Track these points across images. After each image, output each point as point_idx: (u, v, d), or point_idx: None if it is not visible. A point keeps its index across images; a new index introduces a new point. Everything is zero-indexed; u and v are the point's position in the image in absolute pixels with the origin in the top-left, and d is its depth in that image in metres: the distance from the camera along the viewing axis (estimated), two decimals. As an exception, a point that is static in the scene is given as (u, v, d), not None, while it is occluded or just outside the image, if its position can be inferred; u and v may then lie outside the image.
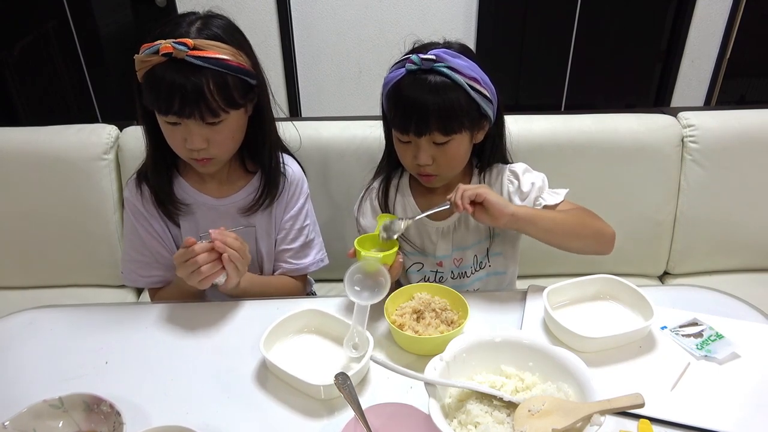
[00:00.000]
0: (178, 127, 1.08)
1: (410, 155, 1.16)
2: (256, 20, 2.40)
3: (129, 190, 1.23)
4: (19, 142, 1.62)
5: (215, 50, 1.04)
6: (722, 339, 0.98)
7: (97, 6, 2.57)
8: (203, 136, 1.09)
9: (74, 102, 2.75)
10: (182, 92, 1.03)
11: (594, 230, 1.17)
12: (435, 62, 1.08)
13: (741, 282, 1.70)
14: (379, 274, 1.03)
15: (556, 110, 2.75)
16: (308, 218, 1.32)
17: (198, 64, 1.02)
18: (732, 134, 1.61)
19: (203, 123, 1.07)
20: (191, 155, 1.12)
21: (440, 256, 1.29)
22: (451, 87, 1.08)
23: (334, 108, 2.63)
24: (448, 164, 1.16)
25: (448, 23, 2.44)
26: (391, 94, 1.13)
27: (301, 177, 1.31)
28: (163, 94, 1.04)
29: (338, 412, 0.88)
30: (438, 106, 1.07)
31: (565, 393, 0.80)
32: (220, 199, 1.24)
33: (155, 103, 1.06)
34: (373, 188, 1.31)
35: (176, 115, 1.06)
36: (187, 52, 1.01)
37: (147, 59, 1.03)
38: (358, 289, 1.02)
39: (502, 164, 1.29)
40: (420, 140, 1.12)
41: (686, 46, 2.55)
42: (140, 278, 1.25)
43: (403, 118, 1.11)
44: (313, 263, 1.32)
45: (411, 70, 1.09)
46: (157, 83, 1.04)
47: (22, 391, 0.92)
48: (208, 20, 1.08)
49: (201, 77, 1.03)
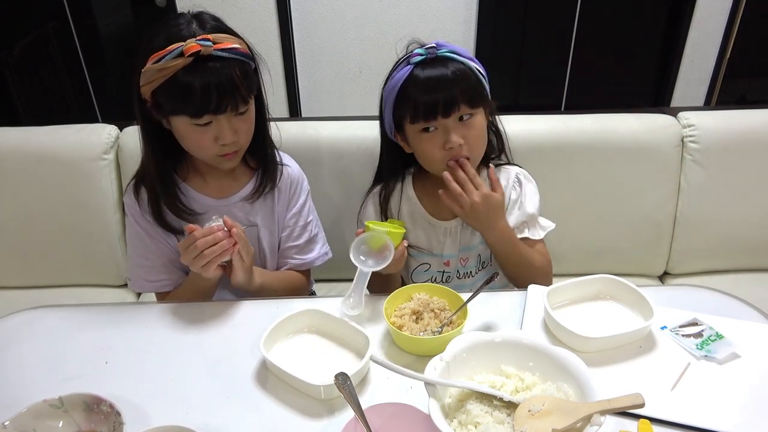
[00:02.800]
0: (208, 127, 1.08)
1: (438, 144, 1.15)
2: (256, 20, 2.40)
3: (129, 197, 1.23)
4: (18, 142, 1.62)
5: (228, 41, 1.06)
6: (722, 339, 0.98)
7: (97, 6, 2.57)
8: (233, 128, 1.10)
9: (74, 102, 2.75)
10: (219, 88, 1.03)
11: (530, 278, 1.19)
12: (437, 49, 1.14)
13: (741, 282, 1.70)
14: (384, 248, 1.08)
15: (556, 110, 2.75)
16: (311, 214, 1.34)
17: (225, 56, 1.04)
18: (732, 134, 1.61)
19: (234, 115, 1.09)
20: (222, 151, 1.12)
21: (447, 255, 1.30)
22: (461, 67, 1.14)
23: (334, 108, 2.63)
24: (478, 141, 1.18)
25: (448, 23, 2.44)
26: (404, 93, 1.14)
27: (301, 174, 1.33)
28: (197, 95, 1.03)
29: (338, 412, 0.88)
30: (460, 84, 1.12)
31: (565, 393, 0.80)
32: (221, 199, 1.24)
33: (187, 107, 1.05)
34: (376, 192, 1.31)
35: (213, 113, 1.06)
36: (213, 46, 1.02)
37: (169, 65, 1.01)
38: (363, 258, 1.09)
39: (508, 166, 1.29)
40: (447, 121, 1.13)
41: (686, 46, 2.55)
42: (148, 283, 1.25)
43: (427, 103, 1.12)
44: (318, 257, 1.34)
45: (417, 62, 1.13)
46: (187, 87, 1.02)
47: (22, 391, 0.92)
48: (201, 16, 1.09)
49: (230, 69, 1.05)
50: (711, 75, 2.63)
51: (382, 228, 1.09)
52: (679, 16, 2.51)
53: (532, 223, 1.26)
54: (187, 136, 1.11)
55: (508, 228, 1.20)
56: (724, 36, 2.53)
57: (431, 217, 1.28)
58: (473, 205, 1.14)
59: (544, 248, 1.27)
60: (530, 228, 1.26)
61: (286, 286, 1.29)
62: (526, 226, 1.25)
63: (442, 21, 2.44)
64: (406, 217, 1.30)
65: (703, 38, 2.53)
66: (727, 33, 2.52)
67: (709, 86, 2.66)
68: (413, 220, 1.30)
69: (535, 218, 1.27)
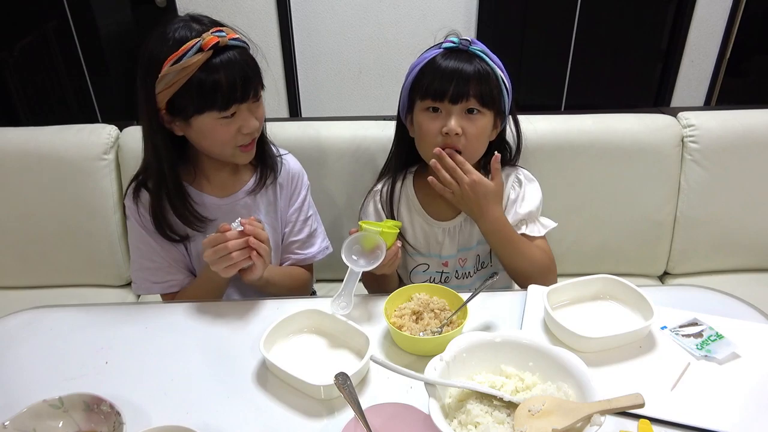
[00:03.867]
0: (232, 120, 1.10)
1: (437, 126, 1.16)
2: (255, 20, 2.40)
3: (129, 200, 1.22)
4: (19, 142, 1.62)
5: (231, 32, 1.08)
6: (722, 339, 0.98)
7: (97, 6, 2.57)
8: (254, 116, 1.12)
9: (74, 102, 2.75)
10: (243, 76, 1.06)
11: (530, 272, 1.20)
12: (470, 44, 1.16)
13: (741, 282, 1.70)
14: (376, 248, 1.08)
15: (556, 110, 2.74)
16: (311, 209, 1.35)
17: (240, 45, 1.07)
18: (732, 134, 1.61)
19: (252, 102, 1.11)
20: (244, 141, 1.14)
21: (446, 256, 1.30)
22: (486, 67, 1.16)
23: (334, 108, 2.63)
24: (476, 138, 1.18)
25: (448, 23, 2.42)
26: (427, 66, 1.17)
27: (301, 170, 1.34)
28: (223, 87, 1.05)
29: (338, 412, 0.88)
30: (478, 76, 1.13)
31: (565, 393, 0.80)
32: (225, 197, 1.24)
33: (216, 101, 1.06)
34: (377, 191, 1.31)
35: (239, 101, 1.08)
36: (228, 35, 1.05)
37: (191, 62, 1.02)
38: (355, 258, 1.09)
39: (508, 167, 1.29)
40: (454, 108, 1.14)
41: (686, 46, 2.55)
42: (154, 285, 1.25)
43: (442, 82, 1.14)
44: (319, 251, 1.34)
45: (449, 48, 1.16)
46: (213, 82, 1.04)
47: (22, 391, 0.92)
48: (195, 16, 1.10)
49: (246, 56, 1.09)
50: (711, 75, 2.63)
51: (375, 228, 1.09)
52: (679, 16, 2.51)
53: (531, 221, 1.26)
54: (211, 133, 1.11)
55: (503, 217, 1.19)
56: (724, 36, 2.52)
57: (430, 217, 1.28)
58: (463, 191, 1.14)
59: (545, 245, 1.26)
60: (528, 225, 1.25)
61: (291, 282, 1.29)
62: (524, 223, 1.25)
63: (442, 21, 2.44)
64: (405, 217, 1.30)
65: (703, 38, 2.53)
66: (727, 33, 2.51)
67: (709, 86, 2.65)
68: (412, 220, 1.30)
69: (535, 216, 1.26)
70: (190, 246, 1.24)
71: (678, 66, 2.60)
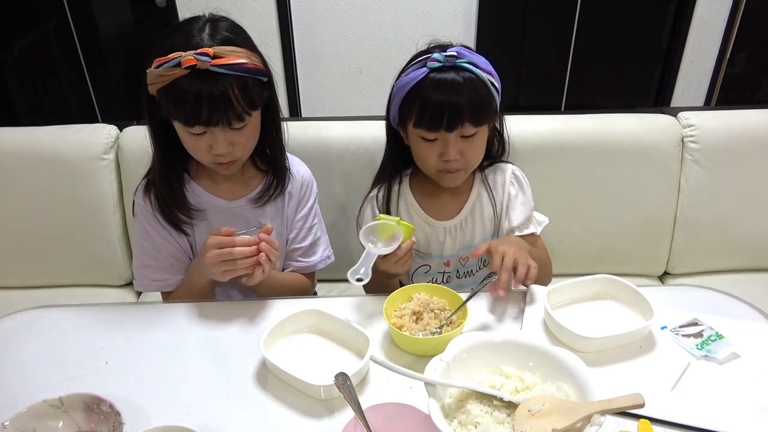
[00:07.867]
0: (203, 137, 1.09)
1: (435, 153, 1.16)
2: (256, 20, 2.40)
3: (139, 196, 1.22)
4: (19, 142, 1.62)
5: (233, 56, 1.04)
6: (722, 339, 0.98)
7: (97, 6, 2.56)
8: (228, 141, 1.09)
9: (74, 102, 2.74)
10: (210, 102, 1.02)
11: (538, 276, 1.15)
12: (457, 58, 1.11)
13: (741, 282, 1.69)
14: (392, 239, 1.09)
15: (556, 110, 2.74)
16: (316, 217, 1.34)
17: (222, 72, 1.02)
18: (732, 134, 1.61)
19: (229, 128, 1.08)
20: (216, 160, 1.12)
21: (447, 255, 1.30)
22: (476, 81, 1.12)
23: (334, 108, 2.62)
24: (475, 156, 1.19)
25: (448, 23, 2.44)
26: (414, 94, 1.13)
27: (311, 178, 1.33)
28: (189, 105, 1.03)
29: (338, 412, 0.88)
30: (470, 100, 1.10)
31: (565, 393, 0.80)
32: (233, 200, 1.24)
33: (180, 115, 1.05)
34: (373, 197, 1.31)
35: (204, 125, 1.05)
36: (210, 62, 1.01)
37: (167, 73, 1.02)
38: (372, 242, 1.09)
39: (503, 164, 1.29)
40: (449, 135, 1.13)
41: (686, 46, 2.55)
42: (153, 282, 1.25)
43: (434, 116, 1.11)
44: (321, 260, 1.34)
45: (434, 67, 1.11)
46: (182, 96, 1.02)
47: (22, 391, 0.92)
48: (216, 24, 1.08)
49: (226, 84, 1.03)
50: (711, 75, 2.62)
51: (393, 219, 1.11)
52: (679, 16, 2.51)
53: (532, 219, 1.26)
54: (184, 140, 1.12)
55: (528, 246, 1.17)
56: (724, 36, 2.52)
57: (430, 218, 1.28)
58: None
59: (542, 242, 1.28)
60: (532, 223, 1.26)
61: (289, 290, 1.28)
62: (530, 221, 1.25)
63: (442, 21, 2.43)
64: (405, 219, 1.30)
65: (703, 38, 2.53)
66: (727, 33, 2.51)
67: (709, 86, 2.65)
68: (412, 222, 1.29)
69: (530, 218, 1.28)
70: (194, 242, 1.24)
71: (678, 66, 2.59)
